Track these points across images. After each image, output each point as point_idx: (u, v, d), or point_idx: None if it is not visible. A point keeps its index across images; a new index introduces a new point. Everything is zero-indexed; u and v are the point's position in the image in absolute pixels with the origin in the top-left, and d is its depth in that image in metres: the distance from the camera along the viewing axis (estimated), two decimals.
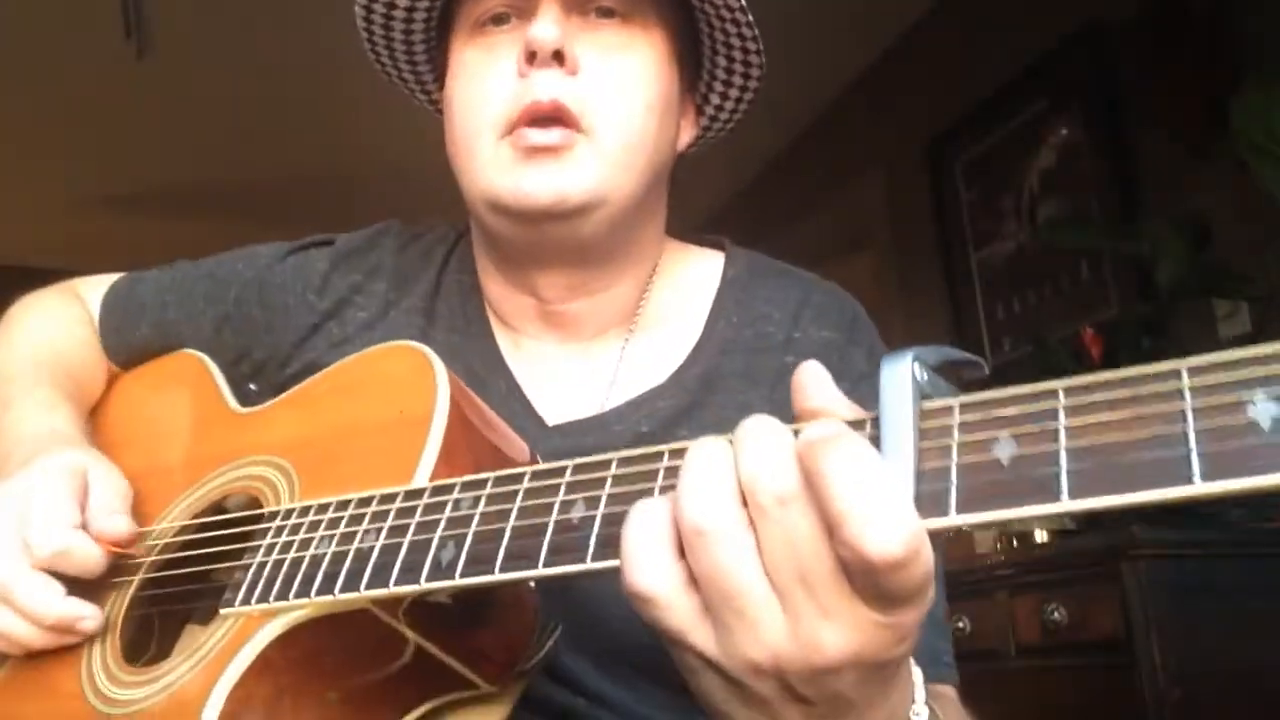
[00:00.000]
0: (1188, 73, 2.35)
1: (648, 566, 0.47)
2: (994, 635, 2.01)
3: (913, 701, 0.53)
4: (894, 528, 0.43)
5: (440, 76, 0.96)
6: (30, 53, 3.31)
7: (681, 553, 0.48)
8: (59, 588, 0.74)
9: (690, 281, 0.96)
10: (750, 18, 0.87)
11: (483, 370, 0.92)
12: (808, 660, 0.46)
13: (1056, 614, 1.87)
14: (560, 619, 0.73)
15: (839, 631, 0.45)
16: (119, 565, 0.79)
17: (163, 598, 0.79)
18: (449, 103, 0.90)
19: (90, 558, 0.75)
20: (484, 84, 0.85)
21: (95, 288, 1.11)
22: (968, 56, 3.12)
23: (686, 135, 0.95)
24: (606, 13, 0.86)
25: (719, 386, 0.89)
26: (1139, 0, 2.50)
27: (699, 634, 0.48)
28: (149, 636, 0.78)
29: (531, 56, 0.82)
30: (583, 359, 0.93)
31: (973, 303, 3.08)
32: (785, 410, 0.88)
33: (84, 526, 0.77)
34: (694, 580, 0.47)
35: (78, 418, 0.95)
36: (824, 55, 3.47)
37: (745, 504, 0.47)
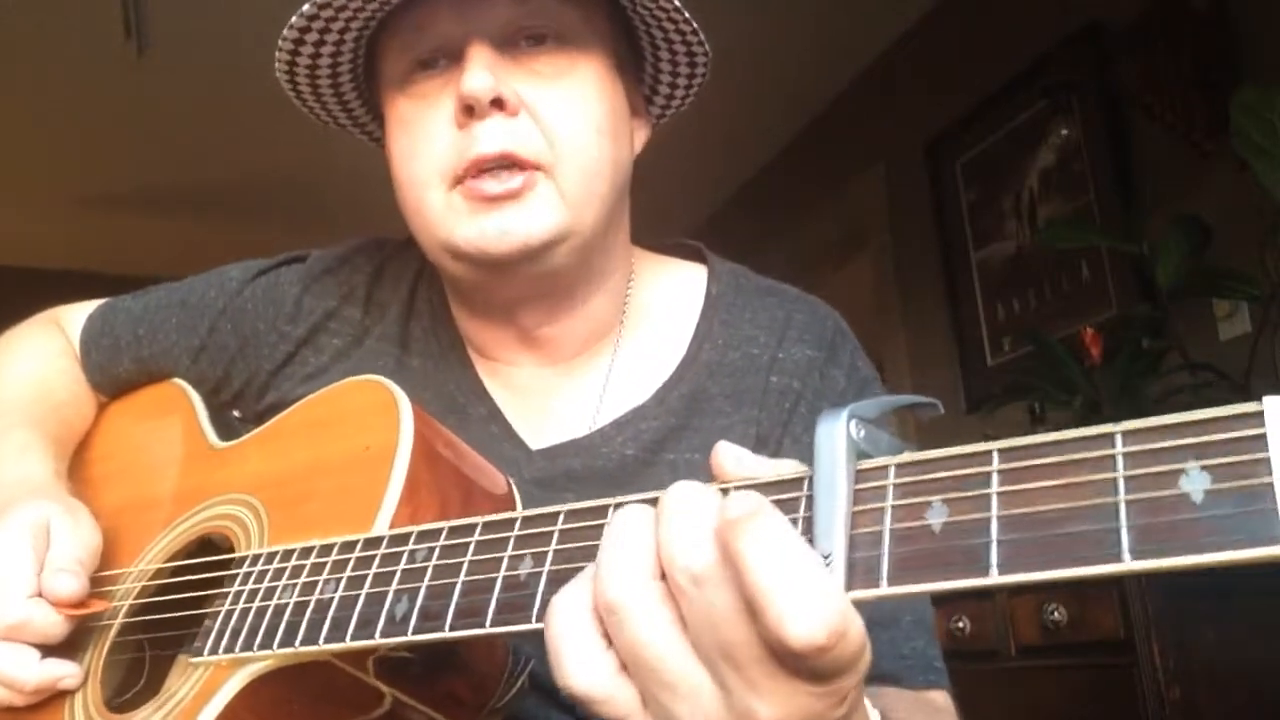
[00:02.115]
0: (1188, 73, 2.35)
1: (577, 664, 0.46)
2: (994, 635, 2.01)
3: None
4: (816, 614, 0.41)
5: (376, 115, 0.93)
6: (30, 53, 3.31)
7: (609, 638, 0.47)
8: (34, 653, 0.74)
9: (671, 295, 0.95)
10: (686, 14, 0.83)
11: (460, 396, 0.91)
12: None
13: (1056, 614, 1.87)
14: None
15: (772, 707, 0.44)
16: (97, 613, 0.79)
17: (143, 642, 0.79)
18: (390, 155, 0.87)
19: (49, 625, 0.74)
20: (422, 136, 0.82)
21: (75, 317, 1.09)
22: (968, 56, 3.12)
23: (641, 136, 0.93)
24: (538, 39, 0.82)
25: (705, 409, 0.88)
26: (1139, 0, 2.51)
27: (639, 718, 0.47)
28: (140, 671, 0.78)
29: (469, 109, 0.79)
30: (566, 379, 0.92)
31: (973, 303, 3.07)
32: (768, 429, 0.89)
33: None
34: (622, 662, 0.47)
35: (56, 457, 0.92)
36: (824, 55, 3.47)
37: (664, 577, 0.46)
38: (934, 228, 3.25)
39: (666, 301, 0.94)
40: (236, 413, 0.98)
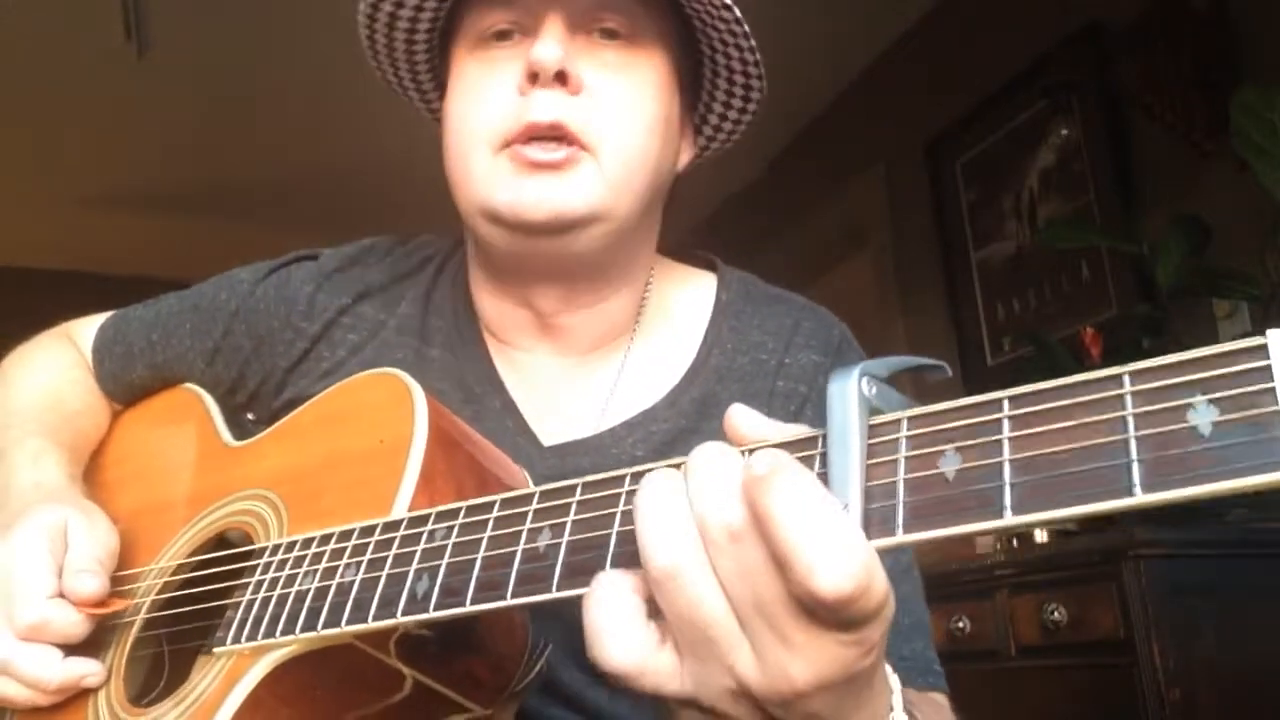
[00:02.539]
0: (1188, 73, 2.35)
1: (619, 643, 0.48)
2: (994, 635, 2.01)
3: (891, 709, 0.53)
4: (842, 565, 0.42)
5: (441, 87, 0.95)
6: (30, 53, 3.31)
7: (649, 614, 0.48)
8: (56, 653, 0.75)
9: (684, 302, 0.97)
10: (753, 43, 0.87)
11: (477, 386, 0.92)
12: (776, 688, 0.46)
13: (1056, 614, 1.87)
14: (556, 636, 0.73)
15: (804, 660, 0.45)
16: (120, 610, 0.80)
17: (166, 636, 0.79)
18: (447, 114, 0.89)
19: (70, 624, 0.75)
20: (483, 98, 0.85)
21: (85, 330, 1.10)
22: (968, 56, 3.12)
23: (685, 155, 0.95)
24: (610, 34, 0.85)
25: (715, 413, 0.89)
26: (1139, 0, 2.51)
27: (675, 683, 0.48)
28: (163, 670, 0.79)
29: (534, 76, 0.82)
30: (580, 374, 0.93)
31: (973, 303, 3.07)
32: None
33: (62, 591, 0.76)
34: (664, 633, 0.48)
35: (70, 463, 0.94)
36: (824, 55, 3.47)
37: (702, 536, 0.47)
38: (934, 228, 3.25)
39: (679, 307, 0.97)
40: (251, 415, 0.98)
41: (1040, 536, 2.03)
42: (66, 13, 3.10)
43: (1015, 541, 2.11)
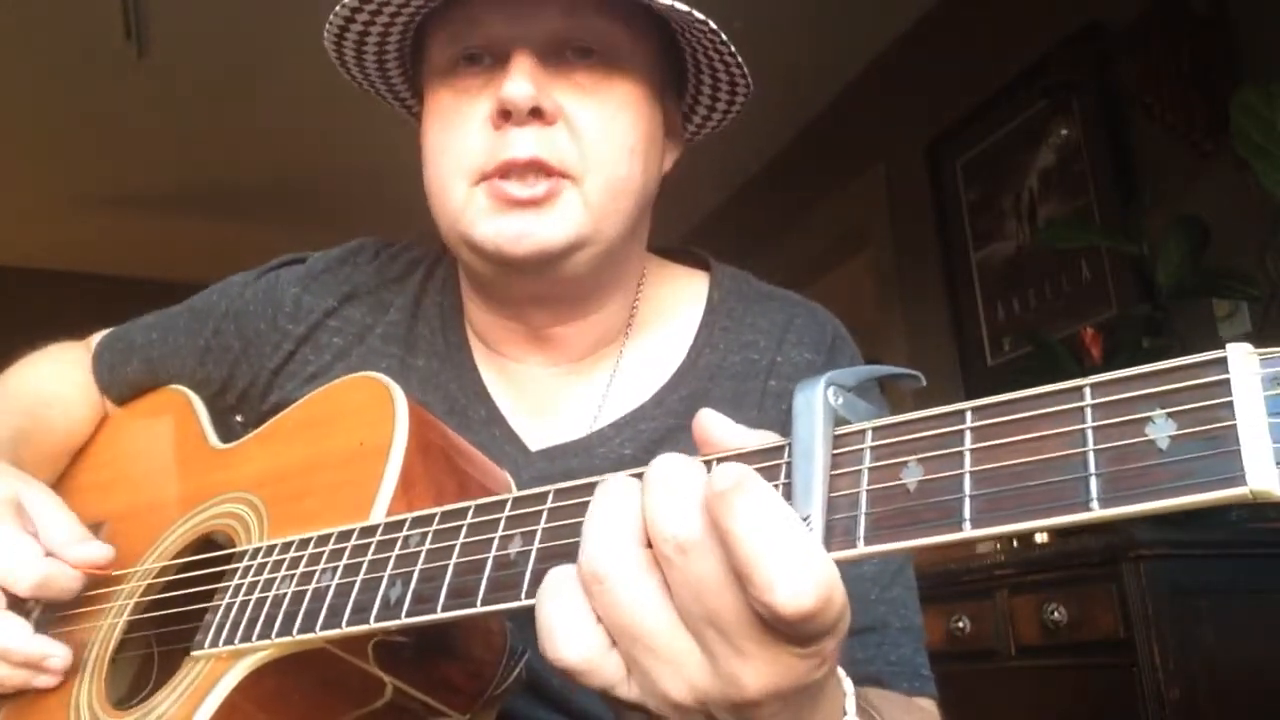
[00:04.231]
0: (1188, 73, 2.35)
1: (568, 639, 0.47)
2: (994, 635, 2.01)
3: (844, 713, 0.54)
4: (804, 581, 0.42)
5: (414, 88, 0.94)
6: (30, 53, 3.30)
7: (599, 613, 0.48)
8: (27, 626, 0.76)
9: (675, 302, 0.96)
10: (733, 48, 0.84)
11: (462, 397, 0.92)
12: (728, 697, 0.46)
13: (1056, 614, 1.87)
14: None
15: (758, 671, 0.45)
16: (101, 608, 0.80)
17: (155, 639, 0.80)
18: (423, 143, 0.88)
19: (70, 579, 0.77)
20: (456, 130, 0.83)
21: (100, 334, 1.13)
22: (968, 56, 3.12)
23: (671, 156, 0.94)
24: (584, 52, 0.83)
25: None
26: (1139, 0, 2.51)
27: (624, 687, 0.48)
28: (150, 671, 0.79)
29: (506, 113, 0.80)
30: (572, 381, 0.93)
31: (973, 303, 3.07)
32: (766, 429, 0.89)
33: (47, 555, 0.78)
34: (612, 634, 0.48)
35: (9, 442, 0.95)
36: (824, 55, 3.47)
37: (650, 545, 0.47)
38: (934, 228, 3.24)
39: (671, 307, 0.96)
40: (239, 417, 0.99)
41: (1040, 537, 2.03)
42: (66, 13, 3.10)
43: (1015, 541, 2.11)
